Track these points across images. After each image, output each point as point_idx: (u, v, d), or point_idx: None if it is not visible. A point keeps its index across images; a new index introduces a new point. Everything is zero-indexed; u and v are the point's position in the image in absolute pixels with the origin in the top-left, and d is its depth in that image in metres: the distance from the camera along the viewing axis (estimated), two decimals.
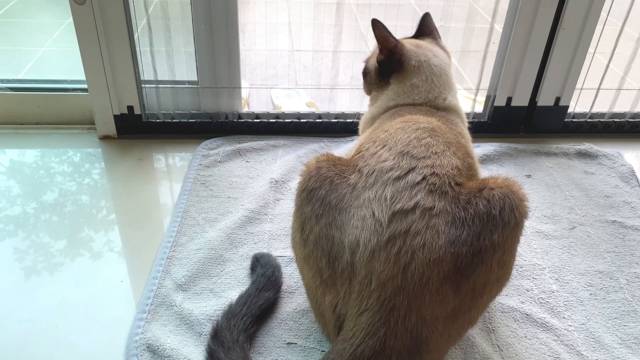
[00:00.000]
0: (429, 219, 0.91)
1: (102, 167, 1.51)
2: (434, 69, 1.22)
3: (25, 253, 1.23)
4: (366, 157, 1.01)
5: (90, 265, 1.20)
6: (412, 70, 1.22)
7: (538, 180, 1.52)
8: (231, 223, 1.29)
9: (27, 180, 1.45)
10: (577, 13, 1.52)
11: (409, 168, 0.96)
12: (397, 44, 1.22)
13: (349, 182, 0.99)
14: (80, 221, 1.32)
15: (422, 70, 1.22)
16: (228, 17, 1.49)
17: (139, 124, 1.60)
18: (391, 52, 1.23)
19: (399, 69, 1.23)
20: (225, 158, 1.53)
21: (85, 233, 1.29)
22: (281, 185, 1.43)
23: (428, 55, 1.24)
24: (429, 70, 1.22)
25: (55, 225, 1.30)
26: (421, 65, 1.22)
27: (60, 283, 1.15)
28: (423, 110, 1.19)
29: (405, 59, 1.22)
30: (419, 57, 1.23)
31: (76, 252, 1.23)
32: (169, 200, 1.40)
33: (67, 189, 1.42)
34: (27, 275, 1.17)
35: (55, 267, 1.19)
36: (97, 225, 1.31)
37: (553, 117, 1.70)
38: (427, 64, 1.22)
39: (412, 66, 1.22)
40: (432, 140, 1.03)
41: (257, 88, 2.07)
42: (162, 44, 1.54)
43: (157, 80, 1.57)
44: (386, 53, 1.23)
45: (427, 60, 1.23)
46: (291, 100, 2.03)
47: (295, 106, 1.98)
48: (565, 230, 1.34)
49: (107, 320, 1.08)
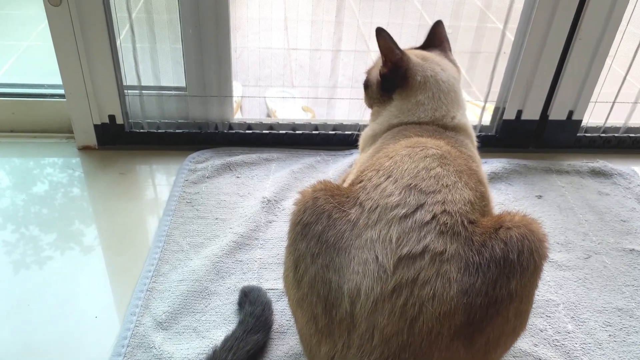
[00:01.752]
0: (440, 265, 0.81)
1: (80, 182, 1.40)
2: (441, 85, 1.12)
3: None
4: (368, 189, 0.90)
5: (61, 297, 1.09)
6: (417, 86, 1.11)
7: (550, 201, 1.42)
8: (218, 249, 1.18)
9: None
10: (596, 22, 1.41)
11: (417, 205, 0.85)
12: (403, 57, 1.12)
13: (349, 217, 0.88)
14: (54, 244, 1.21)
15: (429, 87, 1.11)
16: (218, 20, 1.38)
17: (121, 134, 1.49)
18: (396, 65, 1.12)
19: (404, 84, 1.12)
20: (214, 173, 1.42)
21: (57, 260, 1.17)
22: (274, 205, 1.32)
23: (435, 69, 1.13)
24: (436, 86, 1.11)
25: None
26: (427, 80, 1.11)
27: (26, 321, 1.04)
28: (430, 131, 1.08)
29: (411, 74, 1.11)
30: (425, 71, 1.12)
31: (46, 280, 1.12)
32: (152, 221, 1.29)
33: (39, 206, 1.31)
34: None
35: (22, 299, 1.08)
36: (70, 250, 1.20)
37: (565, 131, 1.59)
38: (434, 79, 1.12)
39: (418, 82, 1.11)
40: (442, 170, 0.92)
41: (250, 97, 1.95)
42: (147, 49, 1.42)
43: (141, 87, 1.45)
44: (390, 66, 1.13)
45: (434, 75, 1.12)
46: (286, 104, 1.92)
47: (290, 111, 1.87)
48: (580, 260, 1.24)
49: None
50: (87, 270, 1.15)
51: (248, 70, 2.16)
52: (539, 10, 1.39)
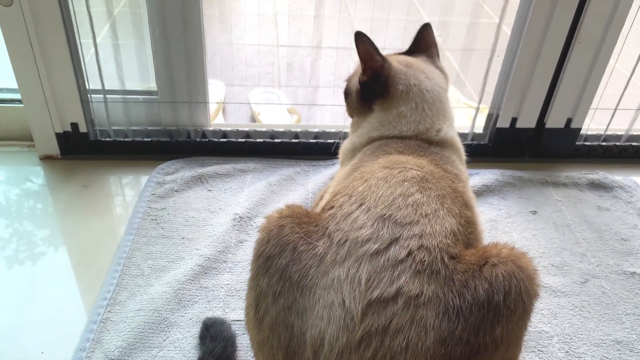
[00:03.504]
0: (415, 310, 0.71)
1: (39, 195, 1.29)
2: (425, 95, 1.02)
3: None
4: (338, 219, 0.81)
5: (4, 331, 0.99)
6: (399, 96, 1.01)
7: (545, 217, 1.32)
8: (181, 274, 1.08)
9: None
10: (597, 25, 1.30)
11: (391, 239, 0.76)
12: (384, 64, 1.02)
13: (315, 251, 0.79)
14: (1, 266, 1.11)
15: (412, 97, 1.01)
16: (187, 20, 1.27)
17: (85, 143, 1.38)
18: (376, 72, 1.02)
19: (384, 93, 1.03)
20: (183, 186, 1.32)
21: (4, 284, 1.08)
22: (246, 223, 1.22)
23: (420, 78, 1.03)
24: (419, 96, 1.01)
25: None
26: (410, 90, 1.01)
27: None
28: (412, 146, 0.99)
29: (392, 82, 1.01)
30: (408, 80, 1.02)
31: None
32: (114, 241, 1.19)
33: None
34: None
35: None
36: (20, 274, 1.10)
37: (563, 140, 1.49)
38: (417, 88, 1.02)
39: (400, 91, 1.01)
40: (421, 196, 0.83)
41: (230, 104, 1.85)
42: (111, 51, 1.32)
43: (104, 91, 1.34)
44: (370, 74, 1.03)
45: (418, 84, 1.02)
46: (271, 106, 1.82)
47: (275, 112, 1.77)
48: (577, 285, 1.15)
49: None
50: (37, 298, 1.05)
51: (233, 69, 2.06)
52: (536, 9, 1.28)
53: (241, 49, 2.19)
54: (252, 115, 1.79)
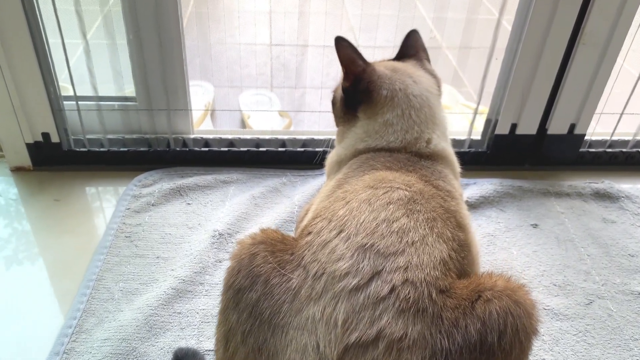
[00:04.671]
0: (398, 355, 0.64)
1: (7, 210, 1.22)
2: (412, 100, 0.94)
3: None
4: (315, 248, 0.73)
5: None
6: (383, 102, 0.94)
7: (547, 231, 1.23)
8: (154, 298, 1.01)
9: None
10: (602, 25, 1.21)
11: (373, 273, 0.68)
12: (366, 69, 0.94)
13: (289, 284, 0.71)
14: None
15: (397, 103, 0.93)
16: (162, 24, 1.18)
17: (58, 154, 1.31)
18: (358, 77, 0.94)
19: (368, 100, 0.95)
20: (161, 199, 1.24)
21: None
22: (226, 240, 1.14)
23: (406, 82, 0.96)
24: (405, 102, 0.94)
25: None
26: (396, 95, 0.94)
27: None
28: (401, 161, 0.91)
29: (375, 87, 0.94)
30: (393, 84, 0.95)
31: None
32: (85, 260, 1.11)
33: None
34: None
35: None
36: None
37: (566, 147, 1.40)
38: (403, 93, 0.94)
39: (384, 97, 0.94)
40: (408, 221, 0.75)
41: (218, 109, 1.76)
42: (82, 54, 1.23)
43: (76, 97, 1.26)
44: (352, 79, 0.96)
45: (404, 88, 0.94)
46: (261, 108, 1.74)
47: (265, 116, 1.69)
48: (581, 307, 1.06)
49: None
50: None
51: (223, 69, 1.98)
52: (538, 6, 1.19)
53: (232, 48, 2.10)
54: (242, 119, 1.71)
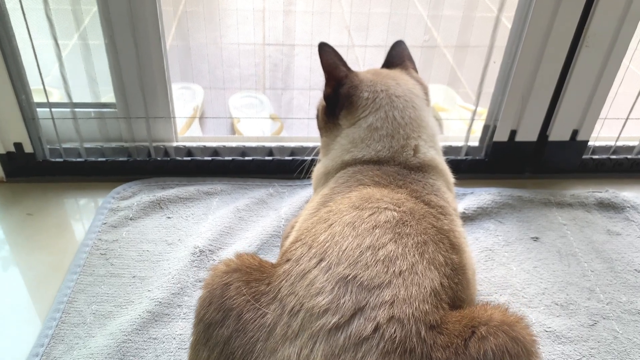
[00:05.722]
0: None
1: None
2: (395, 101, 0.89)
3: None
4: (293, 278, 0.66)
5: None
6: (364, 105, 0.90)
7: (548, 245, 1.17)
8: (128, 323, 0.94)
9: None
10: (607, 26, 1.14)
11: (355, 309, 0.61)
12: (348, 74, 0.90)
13: (264, 320, 0.65)
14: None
15: (379, 104, 0.89)
16: (138, 28, 1.11)
17: (33, 165, 1.24)
18: (340, 83, 0.90)
19: (349, 105, 0.90)
20: (139, 213, 1.17)
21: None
22: (207, 257, 1.08)
23: (388, 83, 0.91)
24: (388, 102, 0.89)
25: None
26: (377, 96, 0.89)
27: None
28: (391, 175, 0.85)
29: (356, 91, 0.89)
30: (375, 86, 0.90)
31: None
32: (57, 280, 1.04)
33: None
34: None
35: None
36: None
37: (568, 154, 1.33)
38: (385, 94, 0.89)
39: (365, 99, 0.89)
40: (395, 247, 0.68)
41: (206, 113, 1.69)
42: (54, 58, 1.16)
43: (49, 104, 1.19)
44: (333, 85, 0.91)
45: (385, 89, 0.90)
46: (252, 111, 1.67)
47: (256, 122, 1.62)
48: (585, 329, 1.00)
49: None
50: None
51: (213, 71, 1.90)
52: (538, 6, 1.12)
53: (225, 48, 2.03)
54: (232, 123, 1.64)
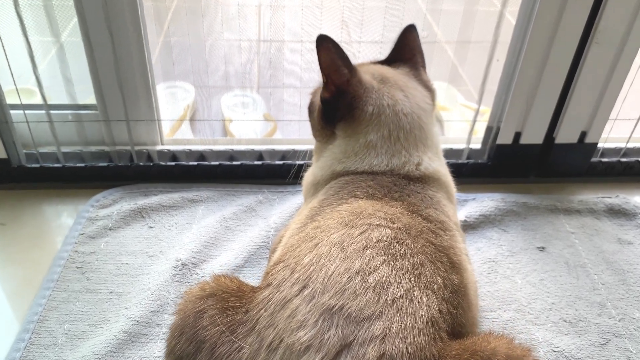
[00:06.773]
0: None
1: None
2: (402, 120, 0.80)
3: None
4: (272, 308, 0.59)
5: None
6: (367, 121, 0.81)
7: (555, 255, 1.09)
8: (102, 344, 0.87)
9: None
10: (618, 21, 1.07)
11: (341, 345, 0.54)
12: (351, 80, 0.81)
13: (239, 355, 0.58)
14: None
15: (384, 122, 0.80)
16: (119, 24, 1.04)
17: (7, 171, 1.17)
18: (340, 89, 0.81)
19: (349, 116, 0.81)
20: (120, 222, 1.10)
21: None
22: (190, 271, 1.01)
23: (396, 97, 0.82)
24: (394, 121, 0.80)
25: None
26: (383, 112, 0.80)
27: None
28: (386, 186, 0.78)
29: (359, 103, 0.80)
30: (381, 99, 0.81)
31: None
32: (29, 296, 0.97)
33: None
34: None
35: None
36: None
37: (576, 157, 1.26)
38: (392, 110, 0.80)
39: (369, 114, 0.80)
40: (389, 271, 0.61)
41: (196, 115, 1.62)
42: (25, 57, 1.09)
43: (23, 106, 1.12)
44: (333, 90, 0.82)
45: (392, 104, 0.81)
46: (245, 110, 1.60)
47: (249, 119, 1.55)
48: (595, 348, 0.93)
49: None
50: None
51: (206, 68, 1.83)
52: (544, 3, 1.04)
53: (217, 44, 1.96)
54: (224, 123, 1.57)
